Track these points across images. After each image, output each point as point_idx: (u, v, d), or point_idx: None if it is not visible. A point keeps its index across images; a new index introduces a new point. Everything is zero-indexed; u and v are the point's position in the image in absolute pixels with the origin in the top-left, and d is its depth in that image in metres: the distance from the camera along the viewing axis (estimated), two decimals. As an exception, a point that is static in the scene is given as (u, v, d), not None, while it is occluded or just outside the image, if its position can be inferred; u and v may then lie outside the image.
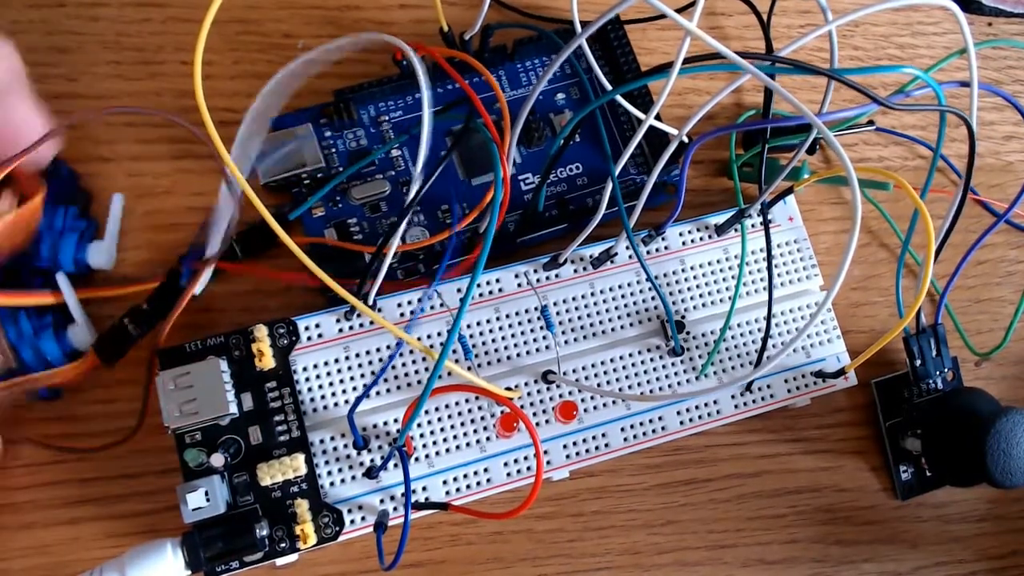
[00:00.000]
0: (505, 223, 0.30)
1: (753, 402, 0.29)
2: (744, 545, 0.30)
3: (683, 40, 0.20)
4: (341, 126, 0.30)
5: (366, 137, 0.30)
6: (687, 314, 0.29)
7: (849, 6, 0.36)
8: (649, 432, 0.28)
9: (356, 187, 0.29)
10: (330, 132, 0.29)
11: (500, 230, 0.29)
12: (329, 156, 0.29)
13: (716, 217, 0.30)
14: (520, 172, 0.31)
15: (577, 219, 0.30)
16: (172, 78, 0.30)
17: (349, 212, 0.29)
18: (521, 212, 0.30)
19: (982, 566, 0.32)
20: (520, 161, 0.31)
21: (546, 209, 0.30)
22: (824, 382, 0.30)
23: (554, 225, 0.30)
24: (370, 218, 0.29)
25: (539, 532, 0.29)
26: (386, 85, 0.30)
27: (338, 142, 0.30)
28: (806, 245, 0.31)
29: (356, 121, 0.30)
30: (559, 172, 0.31)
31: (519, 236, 0.29)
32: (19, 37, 0.29)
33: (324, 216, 0.29)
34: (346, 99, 0.29)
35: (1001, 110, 0.36)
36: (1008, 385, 0.34)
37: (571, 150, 0.31)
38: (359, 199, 0.29)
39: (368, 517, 0.26)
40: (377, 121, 0.30)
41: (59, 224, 0.27)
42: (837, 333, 0.30)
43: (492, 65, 0.31)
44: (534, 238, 0.30)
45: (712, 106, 0.24)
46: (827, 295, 0.22)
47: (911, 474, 0.32)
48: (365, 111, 0.30)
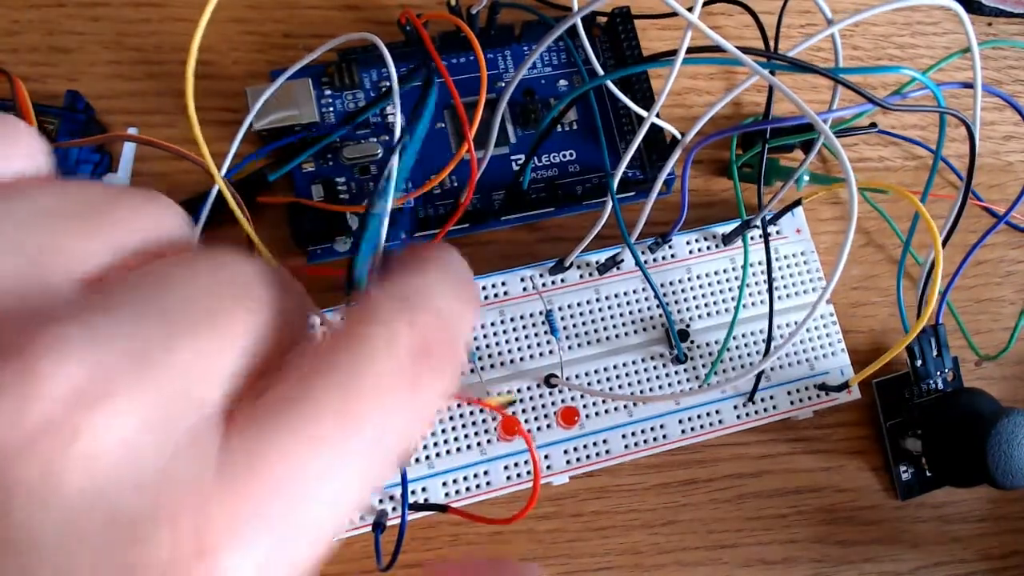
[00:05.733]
0: (491, 200, 0.30)
1: (756, 413, 0.29)
2: (744, 545, 0.30)
3: (685, 30, 0.20)
4: (342, 87, 0.30)
5: (365, 101, 0.30)
6: (692, 323, 0.29)
7: (850, 6, 0.36)
8: (650, 439, 0.28)
9: (348, 147, 0.29)
10: (330, 91, 0.30)
11: (485, 207, 0.30)
12: (326, 115, 0.29)
13: (722, 227, 0.30)
14: (514, 152, 0.31)
15: (563, 204, 0.30)
16: (172, 78, 0.30)
17: (339, 172, 0.29)
18: (506, 189, 0.30)
19: (982, 566, 0.32)
20: (515, 142, 0.31)
21: (534, 191, 0.30)
22: (827, 395, 0.29)
23: (540, 207, 0.30)
24: (359, 179, 0.29)
25: (539, 532, 0.29)
26: (391, 51, 0.30)
27: (337, 102, 0.30)
28: (813, 257, 0.31)
29: (358, 84, 0.30)
30: (551, 157, 0.31)
31: (504, 214, 0.29)
32: (19, 37, 0.29)
33: (314, 172, 0.29)
34: (349, 61, 0.30)
35: (1001, 110, 0.36)
36: (1008, 385, 0.34)
37: (567, 138, 0.31)
38: (350, 159, 0.29)
39: (367, 517, 0.26)
40: (378, 86, 0.30)
41: (73, 156, 0.27)
42: (842, 346, 0.30)
43: (498, 45, 0.31)
44: (520, 218, 0.30)
45: (715, 112, 0.24)
46: (823, 291, 0.22)
47: (911, 474, 0.32)
48: (367, 75, 0.30)
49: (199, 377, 0.10)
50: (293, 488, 0.10)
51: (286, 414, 0.11)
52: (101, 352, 0.09)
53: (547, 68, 0.32)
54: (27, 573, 0.09)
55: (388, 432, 0.11)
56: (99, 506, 0.09)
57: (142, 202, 0.12)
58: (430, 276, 0.14)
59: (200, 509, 0.10)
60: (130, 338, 0.10)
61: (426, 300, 0.13)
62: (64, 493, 0.09)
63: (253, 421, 0.10)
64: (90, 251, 0.11)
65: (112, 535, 0.09)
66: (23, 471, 0.09)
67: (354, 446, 0.11)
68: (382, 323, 0.12)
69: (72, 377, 0.09)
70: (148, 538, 0.09)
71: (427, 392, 0.12)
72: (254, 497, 0.10)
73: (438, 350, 0.12)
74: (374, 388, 0.11)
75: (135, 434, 0.09)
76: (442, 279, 0.14)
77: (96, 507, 0.09)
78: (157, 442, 0.10)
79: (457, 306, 0.14)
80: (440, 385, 0.12)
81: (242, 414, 0.11)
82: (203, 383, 0.10)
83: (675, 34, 0.34)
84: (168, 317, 0.10)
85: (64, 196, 0.11)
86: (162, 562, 0.09)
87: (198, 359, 0.10)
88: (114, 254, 0.11)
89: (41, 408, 0.09)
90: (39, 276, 0.10)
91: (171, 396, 0.10)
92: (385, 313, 0.12)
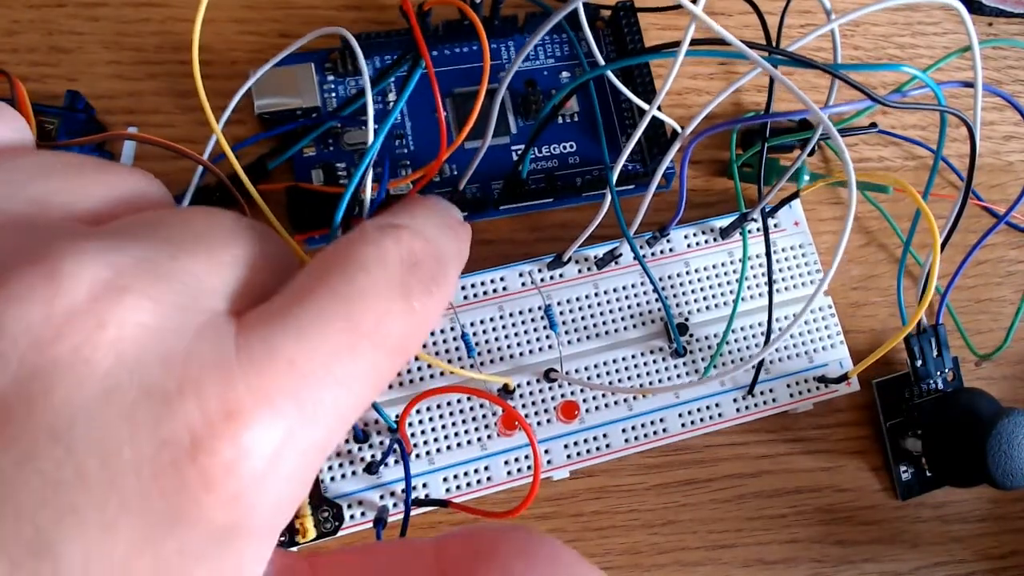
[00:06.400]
0: (490, 189, 0.30)
1: (755, 406, 0.29)
2: (744, 545, 0.30)
3: (689, 23, 0.20)
4: (345, 72, 0.30)
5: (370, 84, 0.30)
6: (691, 316, 0.29)
7: (850, 5, 0.36)
8: (650, 433, 0.28)
9: (349, 133, 0.29)
10: (333, 77, 0.30)
11: (484, 196, 0.30)
12: (328, 100, 0.30)
13: (720, 220, 0.30)
14: (514, 143, 0.31)
15: (562, 195, 0.30)
16: (172, 78, 0.30)
17: (339, 157, 0.29)
18: (505, 178, 0.30)
19: (982, 566, 0.32)
20: (515, 132, 0.31)
21: (533, 181, 0.30)
22: (826, 387, 0.30)
23: (538, 197, 0.30)
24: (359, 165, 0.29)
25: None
26: (394, 38, 0.30)
27: (339, 88, 0.30)
28: (811, 250, 0.31)
29: (360, 70, 0.30)
30: (552, 148, 0.31)
31: (502, 203, 0.30)
32: (19, 37, 0.29)
33: (315, 156, 0.29)
34: (352, 47, 0.30)
35: (1001, 110, 0.36)
36: (1008, 385, 0.34)
37: (567, 130, 0.31)
38: (351, 145, 0.29)
39: (368, 513, 0.26)
40: (380, 71, 0.30)
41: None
42: (840, 338, 0.30)
43: (502, 35, 0.31)
44: (518, 208, 0.30)
45: (715, 105, 0.24)
46: (819, 284, 0.22)
47: (911, 474, 0.31)
48: (370, 61, 0.30)
49: (203, 285, 0.11)
50: (310, 369, 0.11)
51: (292, 314, 0.12)
52: (114, 257, 0.11)
53: (550, 59, 0.32)
54: (69, 455, 0.10)
55: (389, 335, 0.12)
56: (130, 380, 0.10)
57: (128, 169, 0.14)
58: (416, 210, 0.15)
59: (225, 380, 0.10)
60: (139, 250, 0.11)
61: (413, 224, 0.14)
62: (97, 371, 0.10)
63: (263, 320, 0.11)
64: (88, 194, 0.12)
65: (144, 406, 0.10)
66: (59, 354, 0.10)
67: (357, 340, 0.12)
68: (371, 242, 0.13)
69: (92, 276, 0.10)
70: (178, 405, 0.10)
71: (419, 300, 0.13)
72: (277, 374, 0.11)
73: (426, 264, 0.13)
74: (369, 294, 0.12)
75: (155, 319, 0.10)
76: (428, 214, 0.15)
77: (127, 382, 0.10)
78: (176, 327, 0.11)
79: (443, 233, 0.15)
80: (432, 298, 0.13)
81: (251, 316, 0.12)
82: (208, 291, 0.12)
83: (676, 34, 0.34)
84: (169, 241, 0.12)
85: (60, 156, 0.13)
86: (193, 426, 0.10)
87: (200, 270, 0.12)
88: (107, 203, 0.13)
89: (68, 301, 0.10)
90: (45, 214, 0.12)
91: (182, 293, 0.11)
92: (373, 233, 0.13)
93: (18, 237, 0.11)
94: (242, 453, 0.10)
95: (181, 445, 0.10)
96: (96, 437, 0.10)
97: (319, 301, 0.12)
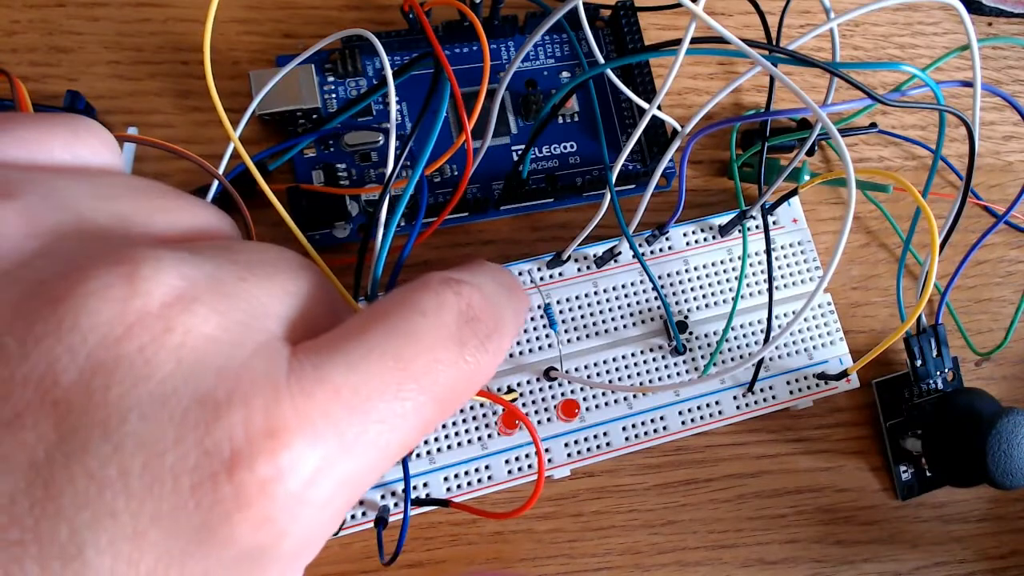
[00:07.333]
0: (491, 190, 0.30)
1: (755, 403, 0.29)
2: (744, 545, 0.30)
3: (690, 22, 0.20)
4: (345, 74, 0.30)
5: (368, 88, 0.30)
6: (691, 314, 0.29)
7: (850, 5, 0.36)
8: (651, 432, 0.28)
9: (350, 134, 0.29)
10: (333, 78, 0.30)
11: (484, 196, 0.30)
12: (328, 102, 0.30)
13: (719, 218, 0.30)
14: (515, 143, 0.31)
15: (562, 195, 0.30)
16: (172, 79, 0.30)
17: (339, 158, 0.29)
18: (505, 178, 0.30)
19: (982, 566, 0.32)
20: (516, 132, 0.31)
21: (534, 181, 0.30)
22: (826, 384, 0.30)
23: (538, 198, 0.30)
24: (359, 166, 0.29)
25: (539, 532, 0.29)
26: (394, 39, 0.30)
27: (340, 89, 0.30)
28: (810, 247, 0.31)
29: (360, 71, 0.30)
30: (552, 148, 0.31)
31: (503, 203, 0.30)
32: (19, 37, 0.29)
33: (315, 157, 0.29)
34: (352, 48, 0.30)
35: (1001, 110, 0.36)
36: (1008, 385, 0.34)
37: (568, 130, 0.31)
38: (352, 146, 0.29)
39: (369, 512, 0.26)
40: (381, 73, 0.30)
41: None
42: (840, 335, 0.30)
43: (501, 35, 0.31)
44: (518, 208, 0.30)
45: (714, 104, 0.24)
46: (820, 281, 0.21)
47: (911, 474, 0.31)
48: (370, 62, 0.30)
49: (266, 309, 0.12)
50: (356, 401, 0.12)
51: (345, 346, 0.12)
52: (188, 270, 0.11)
53: (549, 60, 0.32)
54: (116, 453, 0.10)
55: (437, 382, 0.13)
56: (186, 386, 0.10)
57: (204, 203, 0.14)
58: (478, 270, 0.16)
59: (273, 398, 0.11)
60: (211, 268, 0.12)
61: (474, 281, 0.14)
62: (157, 373, 0.10)
63: (317, 349, 0.12)
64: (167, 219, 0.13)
65: (194, 413, 0.10)
66: (125, 351, 0.10)
67: (405, 380, 0.12)
68: (432, 291, 0.13)
69: (167, 283, 0.11)
70: (225, 416, 0.10)
71: (472, 354, 0.13)
72: (324, 400, 0.11)
73: (484, 320, 0.14)
74: (424, 339, 0.13)
75: (218, 331, 0.11)
76: (486, 273, 0.16)
77: (183, 387, 0.10)
78: (235, 341, 0.11)
79: (503, 295, 0.15)
80: (485, 354, 0.14)
81: (306, 344, 0.12)
82: (270, 315, 0.12)
83: (676, 34, 0.34)
84: (238, 264, 0.12)
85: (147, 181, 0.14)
86: (235, 438, 0.10)
87: (264, 295, 0.12)
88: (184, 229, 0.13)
89: (141, 303, 0.11)
90: (126, 229, 0.12)
91: (246, 312, 0.12)
92: (435, 284, 0.14)
93: (98, 244, 0.12)
94: (279, 472, 0.10)
95: (221, 457, 0.10)
96: (144, 438, 0.10)
97: (373, 338, 0.12)
